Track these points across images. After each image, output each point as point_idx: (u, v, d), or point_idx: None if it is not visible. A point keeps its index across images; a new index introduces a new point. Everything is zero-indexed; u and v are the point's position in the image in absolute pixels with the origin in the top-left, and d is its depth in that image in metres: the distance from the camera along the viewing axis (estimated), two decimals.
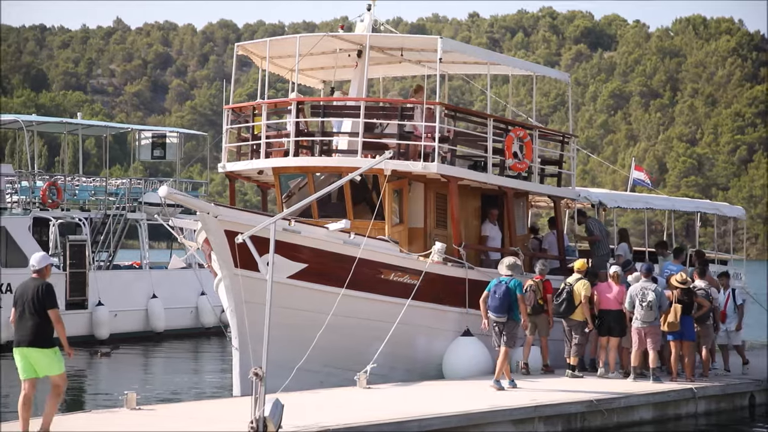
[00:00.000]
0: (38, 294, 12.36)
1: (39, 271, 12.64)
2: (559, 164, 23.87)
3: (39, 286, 12.44)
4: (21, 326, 12.43)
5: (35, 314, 12.34)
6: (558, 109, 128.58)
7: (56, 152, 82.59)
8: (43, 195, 33.75)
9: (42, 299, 12.34)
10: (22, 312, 12.42)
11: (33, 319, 12.34)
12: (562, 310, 19.29)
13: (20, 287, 12.64)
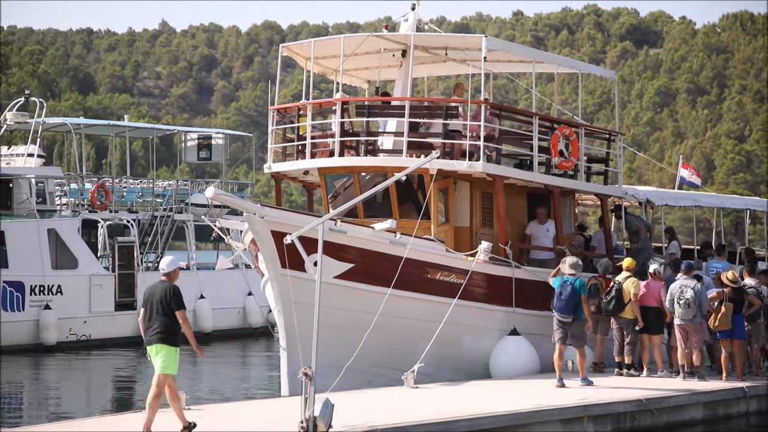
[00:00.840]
0: (166, 296, 13.04)
1: (168, 274, 13.30)
2: (606, 162, 23.71)
3: (167, 288, 13.12)
4: (150, 325, 13.13)
5: (163, 314, 13.02)
6: (603, 107, 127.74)
7: (103, 154, 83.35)
8: (91, 197, 34.08)
9: (170, 301, 13.01)
10: (151, 312, 13.12)
11: (161, 318, 13.02)
12: (612, 308, 19.16)
13: (149, 289, 13.38)
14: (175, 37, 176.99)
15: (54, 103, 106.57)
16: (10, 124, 34.71)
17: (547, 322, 19.84)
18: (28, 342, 30.16)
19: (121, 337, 32.07)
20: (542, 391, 17.09)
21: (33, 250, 31.07)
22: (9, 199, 32.11)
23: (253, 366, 29.78)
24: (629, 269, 19.48)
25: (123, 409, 20.16)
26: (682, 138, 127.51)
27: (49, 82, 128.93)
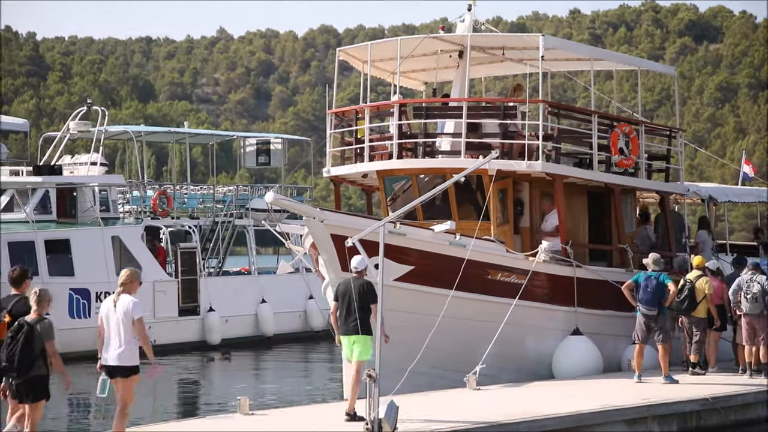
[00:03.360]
0: (361, 291, 14.23)
1: (360, 272, 14.48)
2: (667, 159, 23.46)
3: (362, 284, 14.34)
4: (346, 318, 14.31)
5: (359, 308, 14.16)
6: (663, 103, 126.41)
7: (163, 161, 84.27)
8: (153, 204, 34.46)
9: (365, 295, 14.20)
10: (348, 306, 14.28)
11: (356, 312, 14.16)
12: (685, 306, 18.99)
13: (342, 284, 14.63)
14: (232, 44, 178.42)
15: (115, 112, 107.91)
16: (73, 133, 35.22)
17: (609, 321, 19.75)
18: (95, 348, 30.54)
19: (185, 342, 32.38)
20: (606, 391, 16.97)
21: (98, 258, 31.48)
22: (73, 207, 32.56)
23: (315, 369, 29.91)
24: (699, 267, 19.30)
25: (189, 414, 20.36)
26: (744, 133, 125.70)
27: (110, 91, 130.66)
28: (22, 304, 12.17)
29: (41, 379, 11.66)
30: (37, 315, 11.76)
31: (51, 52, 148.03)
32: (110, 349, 12.28)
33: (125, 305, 12.24)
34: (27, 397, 11.66)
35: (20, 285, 12.52)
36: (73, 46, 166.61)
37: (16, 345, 11.52)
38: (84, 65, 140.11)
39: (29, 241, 30.39)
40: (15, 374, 11.57)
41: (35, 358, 11.56)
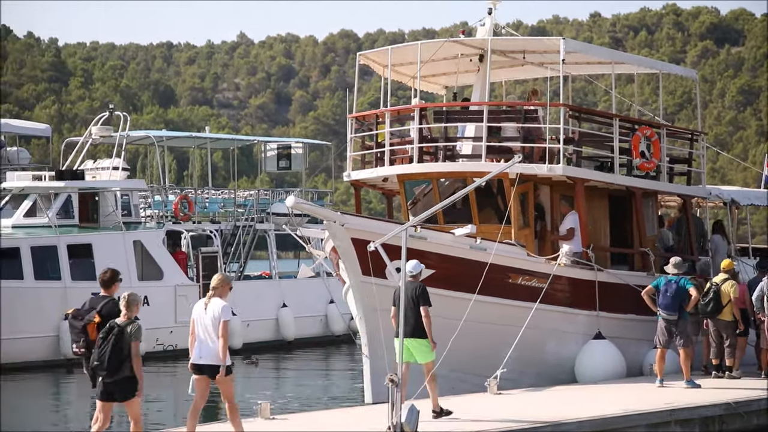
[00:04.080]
0: (415, 294, 14.50)
1: (414, 276, 14.80)
2: (689, 162, 23.37)
3: (416, 287, 14.62)
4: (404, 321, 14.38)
5: (414, 311, 14.40)
6: (684, 107, 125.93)
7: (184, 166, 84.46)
8: (175, 208, 34.55)
9: (418, 297, 14.47)
10: (405, 309, 14.43)
11: (411, 314, 14.39)
12: (710, 310, 18.90)
13: (398, 289, 14.73)
14: (253, 48, 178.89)
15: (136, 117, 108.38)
16: (95, 138, 35.38)
17: (631, 325, 19.67)
18: None
19: None
20: (628, 395, 16.91)
21: (120, 262, 31.55)
22: (95, 212, 32.70)
23: (336, 374, 29.91)
24: (726, 271, 19.21)
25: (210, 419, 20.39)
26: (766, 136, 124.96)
27: (131, 96, 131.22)
28: (111, 305, 12.64)
29: (130, 379, 12.13)
30: (126, 318, 12.23)
31: (73, 58, 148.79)
32: (200, 349, 12.79)
33: (215, 308, 12.70)
34: (116, 396, 12.17)
35: (110, 287, 12.91)
36: (94, 51, 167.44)
37: (106, 346, 12.02)
38: (105, 71, 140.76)
39: (52, 245, 30.54)
40: (105, 374, 12.06)
41: (124, 359, 12.05)
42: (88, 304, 12.88)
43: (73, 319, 12.80)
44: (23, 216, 31.86)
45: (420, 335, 14.53)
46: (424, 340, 14.53)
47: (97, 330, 12.41)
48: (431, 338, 14.53)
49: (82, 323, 12.60)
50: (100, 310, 12.61)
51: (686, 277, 18.38)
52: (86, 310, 12.76)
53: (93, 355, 12.16)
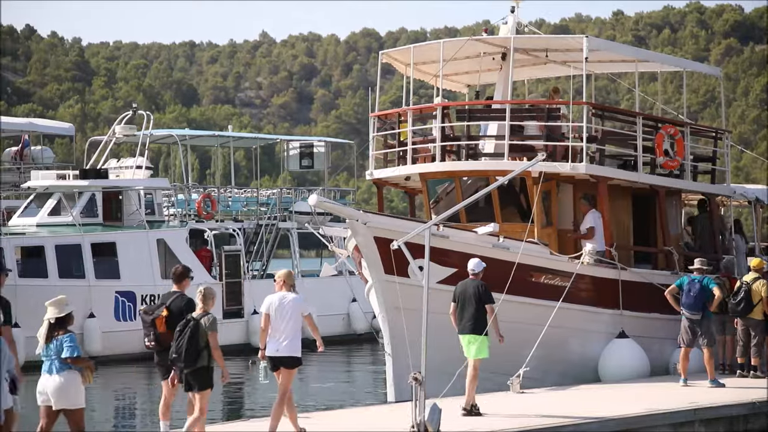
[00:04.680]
0: (477, 292, 14.90)
1: (476, 274, 15.18)
2: (713, 161, 23.26)
3: (478, 285, 15.04)
4: (462, 317, 15.00)
5: (475, 308, 14.82)
6: (708, 105, 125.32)
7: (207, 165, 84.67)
8: (198, 207, 34.67)
9: (480, 296, 14.84)
10: (463, 306, 14.96)
11: (473, 312, 14.81)
12: (741, 309, 18.81)
13: (460, 286, 15.29)
14: (275, 47, 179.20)
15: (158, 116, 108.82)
16: (119, 137, 35.54)
17: (655, 324, 19.58)
18: (141, 351, 30.69)
19: (229, 344, 32.49)
20: (652, 394, 16.84)
21: (143, 261, 31.74)
22: (119, 210, 32.87)
23: (358, 372, 29.93)
24: (757, 269, 19.10)
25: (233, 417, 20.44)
26: None
27: (154, 96, 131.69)
28: (179, 300, 12.99)
29: (206, 369, 12.39)
30: (202, 311, 12.48)
31: (96, 58, 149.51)
32: (275, 341, 13.17)
33: (292, 301, 13.14)
34: (194, 386, 12.45)
35: (181, 282, 13.26)
36: (117, 51, 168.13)
37: (183, 338, 12.28)
38: (128, 70, 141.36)
39: (76, 244, 30.72)
40: (183, 365, 12.35)
41: (200, 351, 12.29)
42: (160, 299, 13.31)
43: (144, 314, 13.22)
44: (47, 215, 32.05)
45: (478, 331, 14.91)
46: (481, 336, 14.91)
47: (166, 324, 12.79)
48: (498, 333, 14.95)
49: (151, 317, 13.00)
50: (168, 304, 12.98)
51: (710, 276, 18.29)
52: (157, 306, 13.19)
53: (171, 348, 12.45)
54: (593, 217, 19.77)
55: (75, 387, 11.73)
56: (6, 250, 29.55)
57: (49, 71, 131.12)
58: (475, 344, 15.01)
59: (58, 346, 11.76)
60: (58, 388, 11.70)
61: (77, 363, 11.75)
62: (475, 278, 15.25)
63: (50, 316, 11.87)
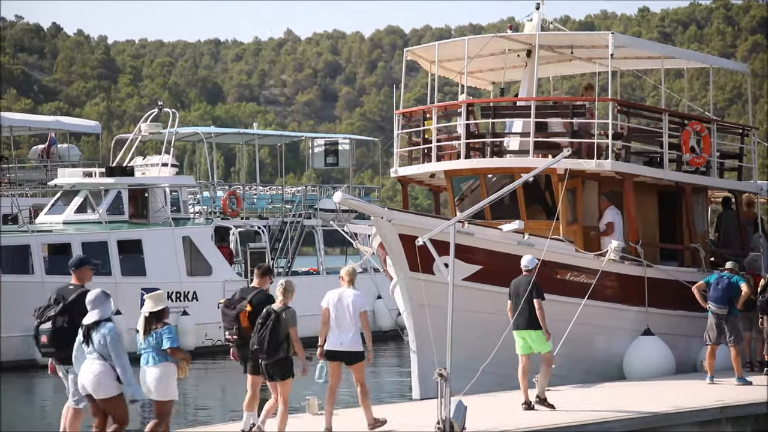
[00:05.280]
0: (528, 287, 15.21)
1: (529, 270, 15.52)
2: (739, 158, 23.12)
3: (529, 281, 15.35)
4: (518, 314, 15.33)
5: (526, 304, 15.22)
6: (735, 102, 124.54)
7: (231, 162, 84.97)
8: (223, 204, 34.79)
9: (531, 292, 15.21)
10: (517, 302, 15.34)
11: (525, 307, 15.24)
12: None
13: (514, 283, 15.64)
14: (299, 45, 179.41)
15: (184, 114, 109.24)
16: (144, 134, 35.71)
17: (681, 321, 19.49)
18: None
19: None
20: (678, 392, 16.77)
21: (169, 258, 31.87)
22: (145, 207, 33.02)
23: (383, 369, 29.93)
24: None
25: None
26: None
27: (179, 93, 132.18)
28: (261, 295, 13.43)
29: (285, 360, 12.90)
30: (282, 304, 12.96)
31: (122, 55, 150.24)
32: (336, 335, 13.69)
33: (352, 298, 13.63)
34: (275, 376, 12.97)
35: (263, 279, 13.71)
36: (143, 49, 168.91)
37: (265, 330, 12.79)
38: (154, 68, 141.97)
39: (102, 241, 30.87)
40: (264, 356, 12.85)
41: (281, 342, 12.80)
42: (238, 294, 13.68)
43: (226, 308, 13.57)
44: (74, 212, 32.23)
45: (536, 327, 15.24)
46: (539, 331, 15.22)
47: (249, 318, 13.19)
48: (545, 329, 15.20)
49: (235, 312, 13.38)
50: (251, 299, 13.37)
51: (739, 274, 18.21)
52: (237, 300, 13.52)
53: (252, 340, 12.89)
54: (612, 213, 19.73)
55: (169, 379, 12.01)
56: (33, 247, 29.77)
57: (76, 69, 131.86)
58: (533, 340, 15.36)
59: (157, 338, 11.99)
60: (154, 379, 11.96)
61: (176, 354, 12.02)
62: (528, 274, 15.53)
63: (147, 310, 12.13)
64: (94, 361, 11.42)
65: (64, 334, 11.85)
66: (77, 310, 11.84)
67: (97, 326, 11.49)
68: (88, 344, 11.48)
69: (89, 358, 11.47)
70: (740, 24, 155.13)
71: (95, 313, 11.53)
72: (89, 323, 11.52)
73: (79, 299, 11.92)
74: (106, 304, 11.61)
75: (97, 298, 11.63)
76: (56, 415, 12.91)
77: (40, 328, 12.07)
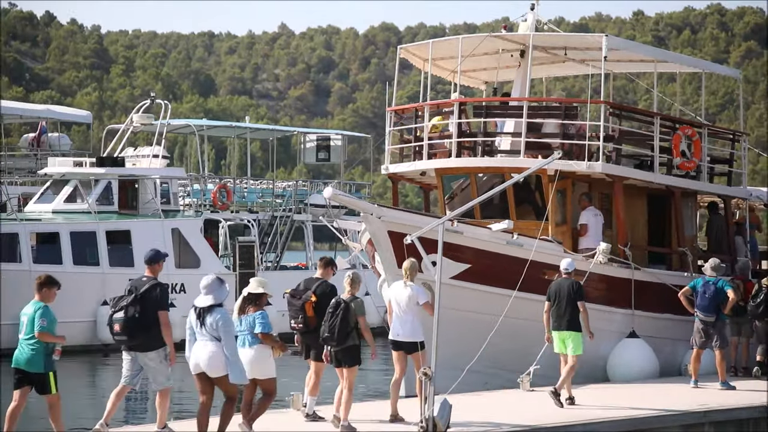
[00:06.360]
0: (570, 290, 15.80)
1: (569, 273, 16.05)
2: (730, 163, 23.19)
3: (572, 283, 15.88)
4: (555, 315, 15.84)
5: (570, 306, 15.69)
6: (726, 107, 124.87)
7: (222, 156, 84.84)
8: (214, 197, 34.77)
9: (573, 294, 15.75)
10: (558, 304, 15.80)
11: (568, 309, 15.70)
12: (761, 311, 18.78)
13: (555, 284, 16.12)
14: (293, 40, 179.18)
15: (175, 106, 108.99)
16: (136, 125, 35.66)
17: (667, 324, 19.53)
18: None
19: None
20: (662, 395, 16.81)
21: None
22: (135, 199, 32.99)
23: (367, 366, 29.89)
24: None
25: None
26: None
27: (172, 85, 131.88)
28: (324, 286, 14.06)
29: (355, 348, 13.54)
30: (350, 294, 13.60)
31: (115, 46, 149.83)
32: (395, 326, 14.25)
33: (412, 291, 14.08)
34: (344, 363, 13.60)
35: (325, 270, 14.33)
36: (136, 39, 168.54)
37: (335, 319, 13.37)
38: (147, 59, 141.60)
39: (91, 231, 30.85)
40: (334, 344, 13.43)
41: (350, 331, 13.42)
42: (303, 285, 14.24)
43: (292, 298, 14.14)
44: (63, 202, 32.19)
45: (576, 328, 15.73)
46: (579, 333, 15.74)
47: (314, 308, 13.84)
48: (588, 330, 15.77)
49: (300, 302, 13.96)
50: (315, 290, 13.99)
51: (725, 278, 18.23)
52: (302, 290, 14.11)
53: (323, 328, 13.46)
54: (588, 214, 19.76)
55: (266, 359, 12.67)
56: (21, 235, 29.71)
57: (68, 58, 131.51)
58: (571, 340, 15.78)
59: (251, 322, 12.64)
60: (251, 360, 12.55)
61: (266, 339, 12.63)
62: (568, 277, 15.96)
63: (248, 290, 12.79)
64: (208, 343, 11.97)
65: (135, 323, 12.59)
66: (148, 301, 12.65)
67: (211, 310, 11.96)
68: (201, 326, 12.00)
69: (202, 339, 12.03)
70: (734, 30, 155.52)
71: (209, 298, 12.02)
72: (203, 307, 12.03)
73: (151, 290, 12.73)
74: (220, 290, 12.05)
75: (211, 283, 12.08)
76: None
77: (113, 317, 12.74)
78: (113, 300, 12.99)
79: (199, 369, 12.09)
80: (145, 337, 12.68)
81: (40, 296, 12.43)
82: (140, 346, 12.74)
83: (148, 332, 12.66)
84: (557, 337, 15.95)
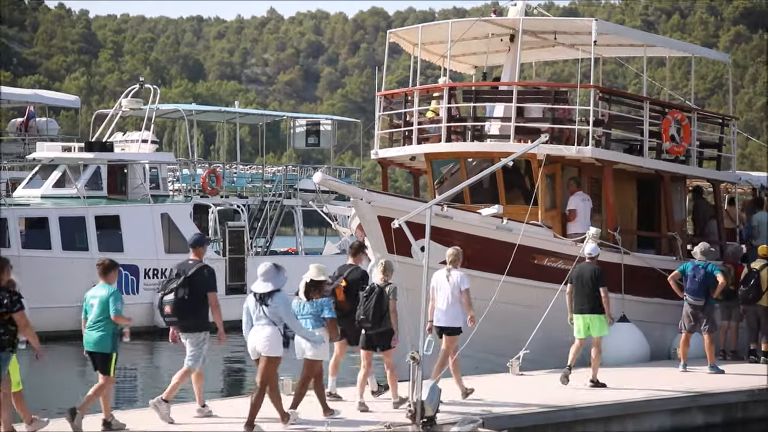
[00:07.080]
0: (594, 275, 16.25)
1: (593, 257, 16.54)
2: (719, 147, 23.22)
3: (594, 268, 16.34)
4: (578, 299, 16.33)
5: (592, 290, 16.18)
6: (716, 92, 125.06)
7: (211, 141, 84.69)
8: (203, 182, 34.69)
9: (596, 279, 16.19)
10: (581, 287, 16.29)
11: (590, 293, 16.20)
12: (751, 296, 18.84)
13: (578, 269, 16.64)
14: (282, 24, 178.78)
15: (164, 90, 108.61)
16: (125, 110, 35.53)
17: (657, 309, 19.58)
18: (143, 325, 30.74)
19: (231, 320, 32.48)
20: (651, 379, 16.86)
21: (147, 235, 31.77)
22: (124, 184, 32.90)
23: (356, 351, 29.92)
24: (765, 257, 19.09)
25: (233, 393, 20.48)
26: None
27: (160, 70, 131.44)
28: (355, 272, 14.60)
29: (389, 332, 13.94)
30: (383, 280, 14.01)
31: (103, 30, 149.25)
32: (437, 312, 14.72)
33: (456, 278, 14.69)
34: (378, 346, 14.08)
35: (356, 256, 14.90)
36: (125, 24, 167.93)
37: (370, 303, 13.87)
38: (135, 43, 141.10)
39: (80, 216, 30.76)
40: (369, 325, 13.92)
41: (384, 314, 13.85)
42: (337, 271, 14.69)
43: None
44: (52, 187, 32.09)
45: (599, 311, 16.23)
46: (602, 315, 16.24)
47: (344, 293, 14.34)
48: (609, 314, 16.31)
49: (332, 287, 14.26)
50: (346, 276, 14.50)
51: (714, 263, 18.28)
52: (335, 276, 14.56)
53: (358, 311, 13.96)
54: (577, 199, 19.77)
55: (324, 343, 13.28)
56: (9, 220, 29.61)
57: (56, 43, 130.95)
58: (596, 323, 16.26)
59: (317, 307, 13.24)
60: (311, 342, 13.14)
61: (332, 324, 13.30)
62: (591, 261, 16.41)
63: (309, 277, 13.34)
64: (266, 326, 12.60)
65: (185, 305, 13.04)
66: (196, 283, 13.06)
67: (271, 296, 12.56)
68: (261, 311, 12.59)
69: (260, 324, 12.65)
70: (723, 14, 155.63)
71: (268, 285, 12.60)
72: (263, 292, 12.61)
73: (199, 272, 13.10)
74: (278, 276, 12.65)
75: (268, 270, 12.65)
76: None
77: (164, 300, 13.20)
78: (162, 283, 13.38)
79: (256, 354, 12.73)
80: (193, 318, 13.11)
81: (106, 279, 13.11)
82: (188, 327, 13.15)
83: (196, 313, 13.09)
84: (580, 321, 16.37)
